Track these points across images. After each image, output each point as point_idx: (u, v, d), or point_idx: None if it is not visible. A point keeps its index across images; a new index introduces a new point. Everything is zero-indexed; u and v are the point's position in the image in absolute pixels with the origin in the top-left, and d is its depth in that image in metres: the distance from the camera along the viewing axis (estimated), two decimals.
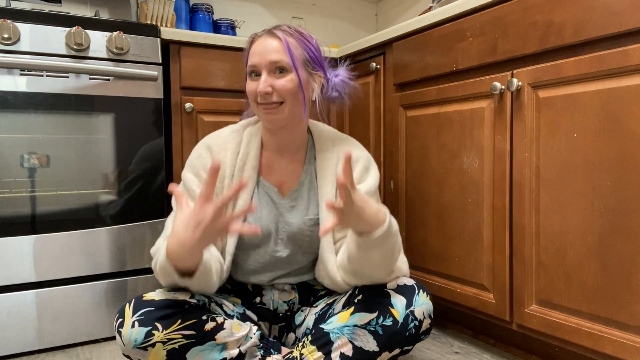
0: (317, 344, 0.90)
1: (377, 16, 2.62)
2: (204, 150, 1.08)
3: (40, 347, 1.33)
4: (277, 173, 1.09)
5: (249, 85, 1.03)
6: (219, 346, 0.90)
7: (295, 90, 1.01)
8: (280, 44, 1.01)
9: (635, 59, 0.90)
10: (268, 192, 1.08)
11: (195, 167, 1.06)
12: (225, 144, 1.08)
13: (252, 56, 1.03)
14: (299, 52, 1.03)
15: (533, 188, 1.09)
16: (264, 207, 1.07)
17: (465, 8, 1.23)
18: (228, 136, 1.09)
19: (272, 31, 1.04)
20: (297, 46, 1.03)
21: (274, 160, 1.10)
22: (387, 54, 1.54)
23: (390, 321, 0.88)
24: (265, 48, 1.01)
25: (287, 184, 1.10)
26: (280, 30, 1.03)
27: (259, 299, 1.11)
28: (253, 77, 1.03)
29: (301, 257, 1.10)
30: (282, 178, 1.09)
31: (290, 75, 1.01)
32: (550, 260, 1.06)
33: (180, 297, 0.91)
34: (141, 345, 0.85)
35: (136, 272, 1.46)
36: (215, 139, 1.09)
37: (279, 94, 1.00)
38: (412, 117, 1.42)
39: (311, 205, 1.09)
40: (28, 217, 1.31)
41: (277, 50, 1.00)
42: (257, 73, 1.02)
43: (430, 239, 1.38)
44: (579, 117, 0.99)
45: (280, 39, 1.01)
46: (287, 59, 1.00)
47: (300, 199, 1.09)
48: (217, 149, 1.07)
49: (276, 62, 1.00)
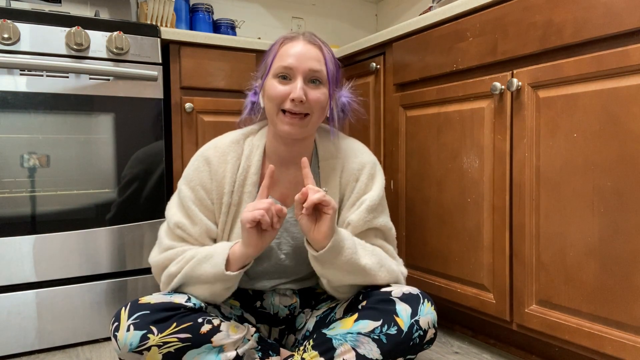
0: (319, 350, 0.88)
1: (377, 16, 2.62)
2: (202, 163, 1.02)
3: (40, 347, 1.33)
4: (280, 186, 1.06)
5: (276, 88, 0.96)
6: (215, 349, 0.89)
7: (324, 105, 0.98)
8: (321, 53, 0.98)
9: (635, 59, 0.90)
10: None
11: (191, 180, 1.02)
12: (225, 156, 1.02)
13: (286, 57, 0.96)
14: (332, 67, 1.00)
15: (533, 188, 1.09)
16: None
17: (465, 8, 1.23)
18: (228, 147, 1.03)
19: (310, 38, 0.99)
20: (332, 60, 1.00)
21: (277, 173, 1.06)
22: (387, 54, 1.54)
23: (395, 330, 0.87)
24: (305, 53, 0.96)
25: (290, 198, 1.06)
26: (317, 38, 1.00)
27: (260, 303, 1.10)
28: (281, 80, 0.96)
29: (306, 268, 1.09)
30: (285, 191, 1.06)
31: (323, 89, 0.98)
32: (550, 260, 1.06)
33: (177, 301, 0.90)
34: (136, 349, 0.84)
35: (136, 272, 1.46)
36: (214, 151, 1.03)
37: (310, 105, 0.96)
38: (412, 117, 1.42)
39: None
40: (28, 217, 1.31)
41: (318, 60, 0.97)
42: (288, 76, 0.96)
43: (430, 239, 1.38)
44: (579, 117, 0.99)
45: (321, 49, 0.98)
46: (325, 71, 0.97)
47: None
48: (217, 162, 1.02)
49: (315, 72, 0.96)
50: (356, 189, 1.04)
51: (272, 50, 1.01)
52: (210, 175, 1.01)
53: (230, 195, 1.01)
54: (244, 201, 1.02)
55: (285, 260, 1.07)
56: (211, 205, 1.02)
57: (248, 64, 1.64)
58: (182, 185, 1.03)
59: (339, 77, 1.04)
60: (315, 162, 1.09)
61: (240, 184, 1.02)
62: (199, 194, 1.01)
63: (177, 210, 1.02)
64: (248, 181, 1.02)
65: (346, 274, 0.93)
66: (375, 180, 1.06)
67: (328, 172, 1.06)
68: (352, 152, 1.08)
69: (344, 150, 1.08)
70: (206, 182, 1.01)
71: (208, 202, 1.01)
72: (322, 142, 1.08)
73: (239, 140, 1.05)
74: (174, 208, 1.03)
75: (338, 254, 0.90)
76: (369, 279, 0.95)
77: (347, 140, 1.11)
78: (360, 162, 1.06)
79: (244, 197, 1.02)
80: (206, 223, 1.00)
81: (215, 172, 1.01)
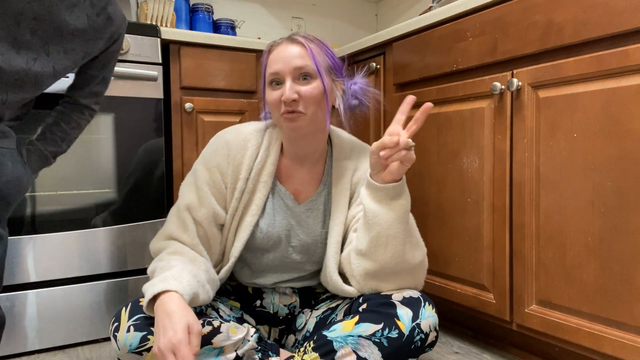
0: (319, 352, 0.88)
1: (377, 16, 2.62)
2: (221, 146, 1.03)
3: (40, 347, 1.33)
4: (294, 181, 1.07)
5: (271, 95, 0.98)
6: (215, 350, 0.89)
7: (320, 98, 0.97)
8: (303, 49, 0.97)
9: (635, 59, 0.90)
10: (283, 199, 1.06)
11: (208, 162, 1.03)
12: (246, 142, 1.03)
13: (272, 64, 0.98)
14: (322, 58, 0.99)
15: (533, 188, 1.09)
16: (278, 214, 1.05)
17: (465, 8, 1.23)
18: (250, 134, 1.04)
19: (293, 37, 1.00)
20: (320, 52, 0.99)
21: (292, 168, 1.07)
22: (387, 54, 1.54)
23: (396, 333, 0.86)
24: (288, 54, 0.96)
25: (303, 194, 1.07)
26: (300, 36, 1.00)
27: (259, 302, 1.10)
28: (274, 86, 0.98)
29: (310, 267, 1.10)
30: (299, 187, 1.07)
31: (315, 82, 0.97)
32: (550, 260, 1.06)
33: None
34: (136, 349, 0.84)
35: (136, 272, 1.46)
36: (235, 135, 1.04)
37: (305, 101, 0.96)
38: (412, 117, 1.42)
39: (327, 218, 1.07)
40: (28, 217, 1.31)
41: (300, 56, 0.96)
42: (279, 81, 0.97)
43: (430, 239, 1.38)
44: (579, 117, 0.99)
45: (302, 45, 0.98)
46: (312, 65, 0.96)
47: (316, 210, 1.07)
48: (237, 147, 1.03)
49: (300, 68, 0.96)
50: None
51: (263, 60, 1.03)
52: (228, 158, 1.02)
53: (245, 182, 1.02)
54: (259, 190, 1.03)
55: (292, 254, 1.07)
56: (224, 189, 1.02)
57: (248, 64, 1.64)
58: (198, 164, 1.04)
59: (337, 65, 1.03)
60: (330, 162, 1.10)
61: (257, 172, 1.03)
62: (214, 176, 1.02)
63: (189, 190, 1.03)
64: (265, 171, 1.03)
65: (397, 220, 0.89)
66: None
67: (341, 172, 1.07)
68: (365, 154, 1.10)
69: (357, 153, 1.10)
70: (223, 164, 1.02)
71: (222, 185, 1.02)
72: (336, 144, 1.09)
73: (260, 130, 1.06)
74: (186, 187, 1.04)
75: (401, 191, 0.89)
76: (409, 240, 0.92)
77: (361, 145, 1.13)
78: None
79: (259, 186, 1.03)
80: (214, 207, 1.01)
81: (234, 156, 1.02)
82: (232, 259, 1.03)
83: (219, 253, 1.06)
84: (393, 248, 0.90)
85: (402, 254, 0.91)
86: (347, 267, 1.00)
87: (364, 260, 0.94)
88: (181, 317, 0.80)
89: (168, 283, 0.85)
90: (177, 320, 0.80)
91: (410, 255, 0.92)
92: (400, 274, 0.94)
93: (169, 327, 0.79)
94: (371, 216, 0.90)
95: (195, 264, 0.95)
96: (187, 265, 0.93)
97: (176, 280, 0.87)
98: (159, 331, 0.80)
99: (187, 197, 1.02)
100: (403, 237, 0.90)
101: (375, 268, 0.92)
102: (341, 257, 1.02)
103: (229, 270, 1.05)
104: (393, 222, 0.89)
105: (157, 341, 0.79)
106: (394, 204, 0.89)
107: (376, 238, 0.90)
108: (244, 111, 1.64)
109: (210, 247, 1.03)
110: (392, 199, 0.89)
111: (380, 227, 0.89)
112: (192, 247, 0.99)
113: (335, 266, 1.02)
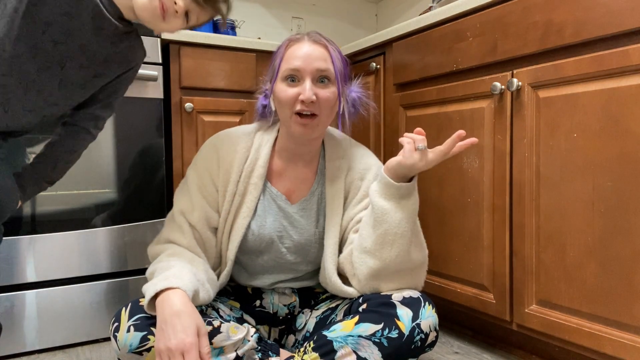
0: (319, 352, 0.88)
1: (377, 16, 2.62)
2: (211, 151, 1.05)
3: (40, 347, 1.33)
4: (287, 181, 1.07)
5: (286, 91, 0.96)
6: (215, 350, 0.89)
7: (333, 104, 0.98)
8: (326, 52, 0.97)
9: (635, 59, 0.90)
10: (275, 200, 1.05)
11: (199, 166, 1.05)
12: (235, 145, 1.04)
13: (292, 59, 0.96)
14: (339, 65, 0.99)
15: (533, 188, 1.09)
16: (269, 215, 1.05)
17: (465, 8, 1.23)
18: (239, 137, 1.05)
19: (315, 37, 0.99)
20: (338, 57, 0.99)
21: (285, 168, 1.07)
22: (387, 54, 1.54)
23: (396, 333, 0.86)
24: (311, 54, 0.96)
25: (296, 193, 1.07)
26: (322, 37, 0.99)
27: (259, 302, 1.10)
28: (289, 83, 0.97)
29: (305, 267, 1.10)
30: (291, 187, 1.07)
31: (332, 87, 0.97)
32: (550, 260, 1.06)
33: None
34: (136, 349, 0.85)
35: (136, 272, 1.46)
36: (225, 139, 1.05)
37: (320, 104, 0.95)
38: (412, 117, 1.42)
39: (321, 217, 1.07)
40: (28, 217, 1.31)
41: (324, 59, 0.96)
42: (296, 78, 0.96)
43: (430, 239, 1.38)
44: (579, 117, 0.99)
45: (326, 47, 0.98)
46: (332, 70, 0.97)
47: (309, 209, 1.07)
48: (226, 150, 1.04)
49: (322, 71, 0.95)
50: (362, 187, 1.06)
51: (279, 53, 1.01)
52: (219, 162, 1.03)
53: (236, 185, 1.03)
54: (250, 192, 1.03)
55: (286, 255, 1.07)
56: (215, 192, 1.03)
57: (248, 64, 1.64)
58: (190, 170, 1.06)
59: (347, 73, 1.04)
60: (323, 162, 1.10)
61: (247, 174, 1.03)
62: (204, 180, 1.03)
63: (182, 195, 1.04)
64: (255, 173, 1.04)
65: (406, 219, 0.90)
66: None
67: (334, 172, 1.07)
68: (358, 154, 1.10)
69: (350, 153, 1.09)
70: (213, 168, 1.03)
71: (213, 189, 1.03)
72: (329, 144, 1.09)
73: (250, 133, 1.07)
74: (179, 193, 1.06)
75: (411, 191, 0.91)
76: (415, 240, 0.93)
77: (354, 145, 1.13)
78: (367, 163, 1.08)
79: (249, 189, 1.04)
80: (207, 210, 1.02)
81: (224, 159, 1.03)
82: (229, 262, 1.03)
83: (216, 256, 1.06)
84: (399, 247, 0.91)
85: (407, 254, 0.92)
86: (347, 267, 1.00)
87: (368, 258, 0.94)
88: (191, 319, 0.81)
89: (170, 281, 0.86)
90: (187, 321, 0.80)
91: (414, 255, 0.93)
92: (402, 273, 0.94)
93: (179, 328, 0.79)
94: (380, 213, 0.91)
95: (194, 264, 0.95)
96: (187, 265, 0.93)
97: (177, 278, 0.87)
98: (168, 330, 0.79)
99: (180, 202, 1.03)
100: (410, 237, 0.91)
101: (379, 266, 0.93)
102: (340, 257, 1.03)
103: (228, 274, 1.05)
104: (401, 221, 0.90)
105: (167, 340, 0.79)
106: (403, 202, 0.90)
107: (383, 235, 0.91)
108: (244, 111, 1.64)
109: (206, 250, 1.04)
110: (402, 198, 0.90)
111: (388, 225, 0.90)
112: (189, 249, 1.00)
113: (334, 267, 1.02)
